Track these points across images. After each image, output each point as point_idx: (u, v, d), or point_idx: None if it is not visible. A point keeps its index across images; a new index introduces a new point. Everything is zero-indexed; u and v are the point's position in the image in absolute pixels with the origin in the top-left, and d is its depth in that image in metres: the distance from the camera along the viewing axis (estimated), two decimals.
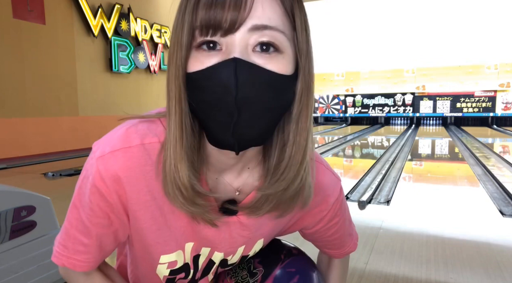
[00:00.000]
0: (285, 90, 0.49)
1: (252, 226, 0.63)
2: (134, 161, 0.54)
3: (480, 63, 13.70)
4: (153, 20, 9.64)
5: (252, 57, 0.46)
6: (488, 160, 5.85)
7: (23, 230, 1.60)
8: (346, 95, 15.69)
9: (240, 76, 0.45)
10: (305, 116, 0.52)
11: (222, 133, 0.48)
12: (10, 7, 6.22)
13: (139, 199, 0.56)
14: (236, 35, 0.46)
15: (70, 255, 0.59)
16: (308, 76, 0.51)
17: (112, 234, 0.60)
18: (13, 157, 6.23)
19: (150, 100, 9.62)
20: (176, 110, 0.50)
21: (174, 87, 0.49)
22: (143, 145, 0.54)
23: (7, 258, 1.54)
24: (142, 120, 0.57)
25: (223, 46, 0.46)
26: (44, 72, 6.92)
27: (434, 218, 2.88)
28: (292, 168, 0.54)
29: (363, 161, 6.45)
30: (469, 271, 1.96)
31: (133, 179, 0.54)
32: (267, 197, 0.56)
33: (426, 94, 14.59)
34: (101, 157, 0.54)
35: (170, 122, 0.51)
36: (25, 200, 1.61)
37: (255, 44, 0.46)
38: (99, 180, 0.54)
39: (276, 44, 0.47)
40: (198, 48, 0.48)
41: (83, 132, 7.61)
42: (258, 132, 0.50)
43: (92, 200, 0.55)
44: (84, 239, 0.58)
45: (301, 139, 0.53)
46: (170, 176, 0.51)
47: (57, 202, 1.89)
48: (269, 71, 0.47)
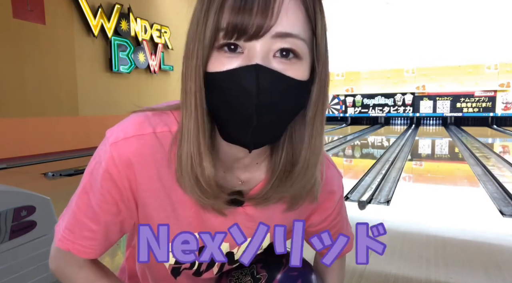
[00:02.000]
0: (301, 95, 0.51)
1: (258, 218, 0.64)
2: (147, 148, 0.55)
3: (480, 63, 13.70)
4: (153, 20, 9.63)
5: (273, 63, 0.47)
6: (488, 160, 5.85)
7: (23, 230, 1.60)
8: (346, 95, 15.68)
9: (262, 82, 0.46)
10: (320, 120, 0.54)
11: (238, 134, 0.50)
12: (10, 7, 6.22)
13: (149, 186, 0.57)
14: (260, 41, 0.46)
15: (76, 240, 0.60)
16: (324, 81, 0.53)
17: (119, 223, 0.60)
18: (13, 157, 6.23)
19: (150, 100, 9.62)
20: (198, 108, 0.50)
21: (194, 85, 0.50)
22: (155, 133, 0.56)
23: (7, 258, 1.54)
24: (152, 111, 0.59)
25: (245, 50, 0.47)
26: (44, 72, 6.92)
27: (434, 218, 2.88)
28: (308, 171, 0.56)
29: (363, 161, 6.45)
30: (469, 271, 1.96)
31: (145, 165, 0.55)
32: (275, 189, 0.58)
33: (426, 94, 14.59)
34: (114, 143, 0.55)
35: (188, 118, 0.51)
36: (25, 200, 1.61)
37: (276, 50, 0.47)
38: (112, 165, 0.55)
39: (297, 51, 0.48)
40: (219, 49, 0.48)
41: (83, 132, 7.61)
42: (273, 133, 0.52)
43: (103, 186, 0.56)
44: (92, 225, 0.59)
45: (316, 142, 0.55)
46: (187, 170, 0.52)
47: (57, 202, 1.89)
48: (288, 78, 0.48)
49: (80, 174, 5.27)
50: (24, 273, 1.61)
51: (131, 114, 0.59)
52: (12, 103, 6.38)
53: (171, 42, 10.21)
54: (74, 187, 0.62)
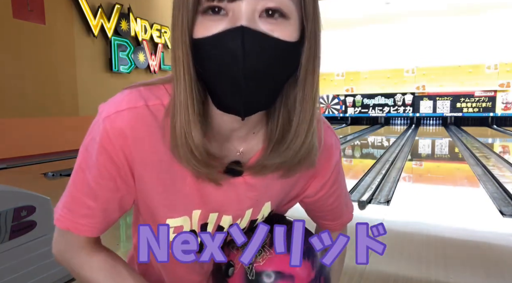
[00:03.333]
0: (291, 57, 0.49)
1: (258, 187, 0.63)
2: (140, 120, 0.54)
3: (480, 63, 13.70)
4: (153, 20, 9.64)
5: (259, 23, 0.46)
6: (488, 160, 5.85)
7: (23, 230, 1.60)
8: (346, 95, 15.68)
9: (247, 45, 0.44)
10: (311, 83, 0.52)
11: (229, 100, 0.49)
12: (10, 7, 6.22)
13: (145, 159, 0.56)
14: (243, 1, 0.45)
15: (74, 218, 0.58)
16: (314, 41, 0.51)
17: (118, 200, 0.59)
18: (13, 157, 6.23)
19: None
20: (186, 76, 0.50)
21: (181, 53, 0.49)
22: (148, 106, 0.55)
23: (7, 258, 1.54)
24: (144, 86, 0.58)
25: (229, 12, 0.46)
26: (44, 72, 6.92)
27: (434, 218, 2.88)
28: (299, 137, 0.54)
29: (363, 161, 6.45)
30: (469, 271, 1.96)
31: (139, 139, 0.54)
32: (271, 156, 0.57)
33: (426, 94, 14.60)
34: (107, 117, 0.55)
35: (179, 88, 0.51)
36: (25, 200, 1.61)
37: (262, 10, 0.46)
38: (106, 138, 0.54)
39: (283, 10, 0.46)
40: (203, 13, 0.47)
41: (83, 132, 7.53)
42: (265, 98, 0.50)
43: (99, 161, 0.55)
44: (90, 202, 0.57)
45: (307, 106, 0.53)
46: (182, 140, 0.52)
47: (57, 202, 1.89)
48: (275, 39, 0.46)
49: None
50: (24, 273, 1.61)
51: (123, 90, 0.59)
52: (12, 103, 6.38)
53: None
54: None
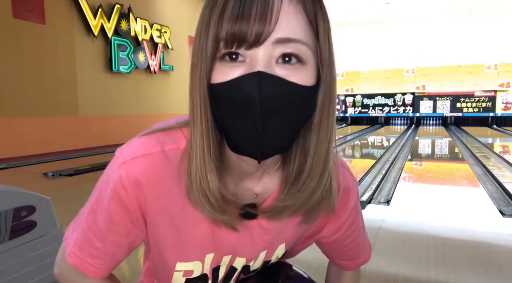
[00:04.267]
0: (307, 101, 0.50)
1: (273, 230, 0.63)
2: (155, 167, 0.55)
3: (480, 63, 13.71)
4: (153, 20, 9.63)
5: (275, 69, 0.46)
6: (488, 160, 5.85)
7: (23, 230, 1.60)
8: (346, 95, 15.69)
9: (264, 89, 0.45)
10: (326, 126, 0.53)
11: (245, 144, 0.49)
12: (10, 7, 6.22)
13: (158, 204, 0.56)
14: (261, 49, 0.46)
15: (83, 257, 0.59)
16: (329, 86, 0.52)
17: (128, 245, 0.60)
18: (13, 157, 6.23)
19: (150, 100, 9.63)
20: (202, 121, 0.50)
21: (199, 98, 0.49)
22: (164, 152, 0.55)
23: (7, 258, 1.54)
24: (162, 131, 0.58)
25: (246, 59, 0.46)
26: (44, 72, 6.92)
27: (434, 218, 2.88)
28: (313, 179, 0.54)
29: (363, 161, 6.46)
30: (469, 271, 1.96)
31: (154, 185, 0.55)
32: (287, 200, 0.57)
33: (426, 94, 14.60)
34: (123, 163, 0.55)
35: (196, 131, 0.51)
36: (25, 200, 1.61)
37: (279, 56, 0.46)
38: (120, 186, 0.54)
39: (299, 56, 0.47)
40: (221, 59, 0.48)
41: (83, 132, 7.61)
42: (281, 142, 0.51)
43: (111, 207, 0.56)
44: (99, 244, 0.58)
45: (321, 149, 0.53)
46: (197, 185, 0.52)
47: (57, 202, 1.89)
48: (292, 84, 0.47)
49: (80, 174, 5.30)
50: (24, 273, 1.61)
51: (141, 135, 0.59)
52: (12, 103, 6.38)
53: (171, 42, 10.20)
54: (74, 187, 0.62)
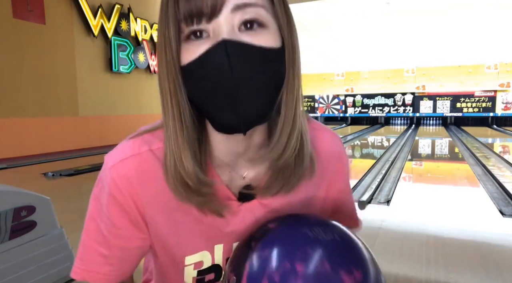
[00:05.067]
0: (276, 63, 0.50)
1: (275, 207, 0.62)
2: (145, 166, 0.55)
3: (480, 63, 13.70)
4: (153, 20, 9.63)
5: (240, 36, 0.47)
6: (488, 160, 5.85)
7: (23, 230, 1.60)
8: (346, 95, 15.68)
9: (232, 55, 0.45)
10: (292, 88, 0.53)
11: (225, 116, 0.49)
12: (10, 7, 6.22)
13: (155, 202, 0.56)
14: (220, 18, 0.46)
15: (89, 267, 0.58)
16: (291, 47, 0.52)
17: (135, 249, 0.59)
18: (13, 157, 6.23)
19: (150, 100, 9.62)
20: (173, 104, 0.51)
21: (168, 83, 0.50)
22: (152, 151, 0.56)
23: (7, 258, 1.54)
24: (147, 132, 0.59)
25: (210, 32, 0.47)
26: (44, 72, 6.92)
27: (434, 218, 2.88)
28: (282, 138, 0.54)
29: (363, 161, 6.46)
30: (469, 271, 1.96)
31: (146, 183, 0.55)
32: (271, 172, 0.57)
33: (426, 94, 14.59)
34: (113, 166, 0.55)
35: (168, 117, 0.51)
36: (25, 200, 1.61)
37: (240, 24, 0.47)
38: (114, 187, 0.55)
39: (259, 19, 0.48)
40: (187, 39, 0.48)
41: (83, 132, 7.61)
42: (260, 108, 0.50)
43: (110, 210, 0.56)
44: (104, 250, 0.57)
45: (288, 109, 0.53)
46: (171, 169, 0.52)
47: (57, 202, 1.89)
48: (258, 47, 0.47)
49: (80, 174, 5.29)
50: (24, 273, 1.61)
51: (127, 138, 0.59)
52: (12, 103, 6.38)
53: None
54: (74, 187, 0.62)
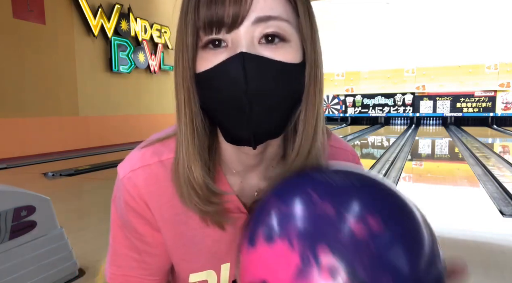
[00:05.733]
0: (295, 79, 0.49)
1: None
2: (154, 177, 0.55)
3: (480, 63, 13.70)
4: (153, 20, 9.64)
5: (259, 49, 0.46)
6: (488, 160, 5.84)
7: (23, 230, 1.60)
8: (346, 95, 15.69)
9: (248, 69, 0.44)
10: (312, 104, 0.51)
11: (236, 129, 0.48)
12: (10, 7, 6.22)
13: (163, 215, 0.56)
14: (241, 30, 0.45)
15: (125, 272, 0.58)
16: (314, 62, 0.50)
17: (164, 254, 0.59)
18: (13, 157, 6.23)
19: (150, 100, 9.63)
20: (186, 111, 0.50)
21: (183, 89, 0.49)
22: (161, 162, 0.55)
23: (7, 258, 1.54)
24: (159, 141, 0.58)
25: (229, 43, 0.46)
26: (44, 72, 6.92)
27: (434, 218, 2.87)
28: (300, 157, 0.53)
29: (363, 161, 6.45)
30: (469, 271, 1.96)
31: (155, 195, 0.55)
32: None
33: (426, 94, 14.60)
34: (124, 177, 0.55)
35: (180, 124, 0.51)
36: (25, 200, 1.61)
37: (261, 37, 0.46)
38: (129, 198, 0.55)
39: (281, 34, 0.46)
40: (204, 47, 0.47)
41: (83, 132, 7.61)
42: (272, 124, 0.49)
43: (131, 219, 0.56)
44: (135, 255, 0.58)
45: (309, 127, 0.52)
46: (184, 177, 0.51)
47: (57, 202, 1.89)
48: (277, 62, 0.46)
49: (80, 174, 5.29)
50: (24, 273, 1.61)
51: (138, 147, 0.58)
52: (12, 103, 6.38)
53: (171, 42, 10.20)
54: (74, 187, 0.61)
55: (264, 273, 0.41)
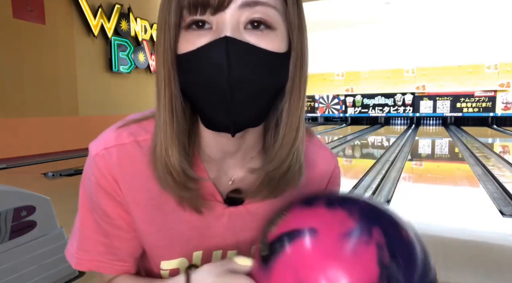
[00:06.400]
0: (278, 69, 0.48)
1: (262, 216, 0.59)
2: (128, 157, 0.53)
3: (480, 63, 13.70)
4: (153, 20, 9.63)
5: (244, 35, 0.44)
6: (488, 160, 5.85)
7: (23, 230, 1.60)
8: (346, 95, 15.68)
9: (232, 55, 0.43)
10: (298, 94, 0.50)
11: (216, 115, 0.47)
12: (10, 7, 6.22)
13: (136, 198, 0.54)
14: (227, 13, 0.44)
15: (93, 257, 0.57)
16: (300, 52, 0.49)
17: (136, 238, 0.57)
18: (13, 157, 6.23)
19: (150, 100, 9.62)
20: (166, 93, 0.48)
21: (163, 70, 0.47)
22: (137, 142, 0.53)
23: (7, 258, 1.54)
24: (135, 121, 0.56)
25: (213, 25, 0.45)
26: (44, 72, 6.92)
27: (434, 218, 2.88)
28: (284, 148, 0.52)
29: (363, 161, 6.45)
30: (469, 271, 1.96)
31: (128, 176, 0.53)
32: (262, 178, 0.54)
33: (426, 94, 14.59)
34: (96, 155, 0.53)
35: (160, 106, 0.49)
36: (25, 200, 1.61)
37: (247, 22, 0.45)
38: (100, 177, 0.53)
39: (268, 21, 0.45)
40: (187, 28, 0.46)
41: (83, 132, 7.61)
42: (253, 113, 0.48)
43: (100, 200, 0.54)
44: (104, 239, 0.56)
45: (293, 118, 0.51)
46: (161, 160, 0.50)
47: (57, 202, 1.89)
48: (261, 49, 0.45)
49: (80, 174, 5.24)
50: (24, 273, 1.61)
51: (113, 126, 0.56)
52: (12, 103, 6.38)
53: None
54: (74, 187, 0.61)
55: (315, 223, 0.43)
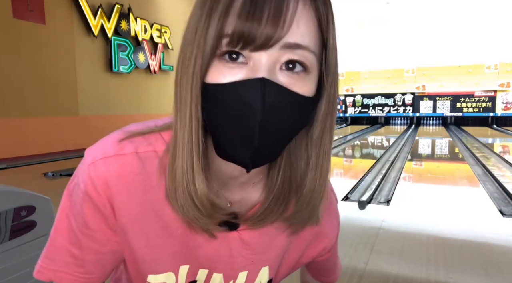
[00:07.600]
0: (306, 113, 0.47)
1: (253, 245, 0.59)
2: (127, 169, 0.51)
3: (480, 63, 13.71)
4: (153, 20, 9.63)
5: (278, 76, 0.43)
6: (488, 160, 5.85)
7: (23, 230, 1.60)
8: (346, 95, 15.69)
9: (267, 98, 0.42)
10: (328, 140, 0.50)
11: (237, 151, 0.46)
12: (10, 7, 6.23)
13: (129, 211, 0.52)
14: (267, 52, 0.42)
15: (58, 267, 0.53)
16: (333, 98, 0.49)
17: (110, 253, 0.55)
18: (13, 157, 6.23)
19: (150, 100, 9.62)
20: (192, 121, 0.46)
21: (190, 95, 0.45)
22: (137, 153, 0.51)
23: (7, 258, 1.54)
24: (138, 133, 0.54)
25: (249, 61, 0.43)
26: (44, 72, 6.92)
27: (434, 218, 2.88)
28: (314, 194, 0.52)
29: (363, 161, 6.45)
30: (469, 271, 1.96)
31: (124, 189, 0.51)
32: (271, 209, 0.54)
33: (426, 94, 14.60)
34: (92, 163, 0.51)
35: (183, 131, 0.47)
36: (25, 200, 1.61)
37: (283, 62, 0.43)
38: (91, 187, 0.50)
39: (305, 63, 0.44)
40: (220, 57, 0.44)
41: (83, 132, 7.61)
42: (274, 151, 0.48)
43: (85, 210, 0.51)
44: (75, 251, 0.53)
45: (324, 163, 0.51)
46: (183, 189, 0.48)
47: (57, 202, 1.88)
48: (295, 94, 0.44)
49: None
50: (24, 273, 1.61)
51: (114, 133, 0.54)
52: (12, 103, 6.38)
53: (171, 42, 10.21)
54: None
55: None
